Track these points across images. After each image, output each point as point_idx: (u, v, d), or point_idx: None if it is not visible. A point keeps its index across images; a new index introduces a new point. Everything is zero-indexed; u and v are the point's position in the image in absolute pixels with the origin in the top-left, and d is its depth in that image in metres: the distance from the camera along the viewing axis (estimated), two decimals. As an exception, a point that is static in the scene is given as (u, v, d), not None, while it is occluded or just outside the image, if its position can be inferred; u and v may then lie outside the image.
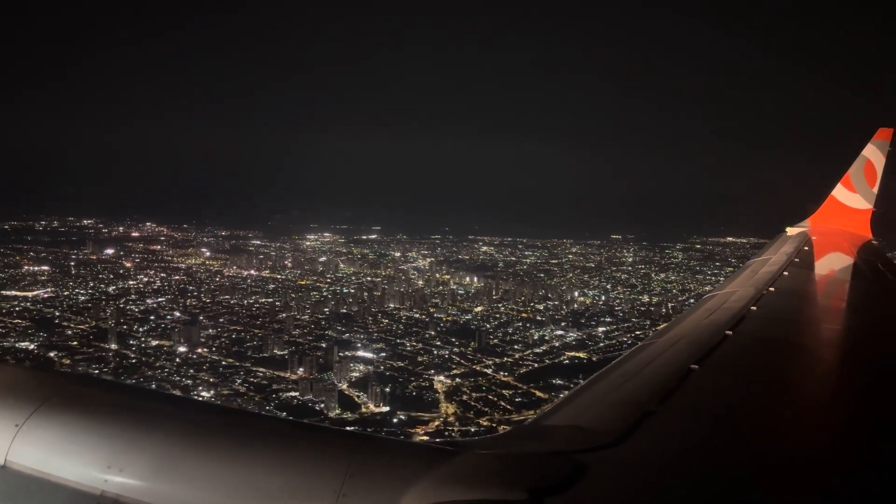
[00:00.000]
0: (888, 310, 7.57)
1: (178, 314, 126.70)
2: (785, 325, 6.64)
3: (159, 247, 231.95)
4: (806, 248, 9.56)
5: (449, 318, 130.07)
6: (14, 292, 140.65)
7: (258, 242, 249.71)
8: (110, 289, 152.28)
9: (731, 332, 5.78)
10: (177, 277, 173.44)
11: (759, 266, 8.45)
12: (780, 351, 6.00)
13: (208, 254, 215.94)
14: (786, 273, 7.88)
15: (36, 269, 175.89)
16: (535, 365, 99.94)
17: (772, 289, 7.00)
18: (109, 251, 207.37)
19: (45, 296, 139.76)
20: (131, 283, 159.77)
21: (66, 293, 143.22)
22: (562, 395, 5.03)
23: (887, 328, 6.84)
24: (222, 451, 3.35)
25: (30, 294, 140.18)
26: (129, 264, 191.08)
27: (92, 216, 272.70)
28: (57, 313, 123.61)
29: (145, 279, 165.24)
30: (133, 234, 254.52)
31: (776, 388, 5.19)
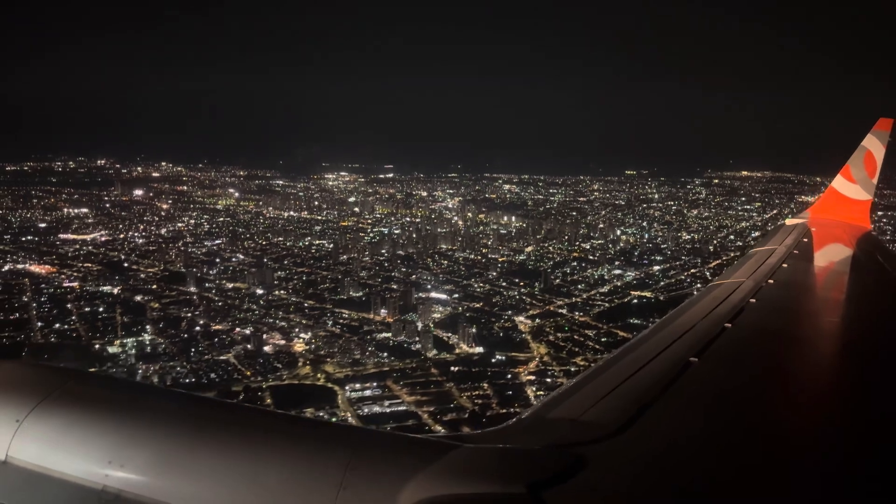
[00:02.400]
0: (886, 302, 7.62)
1: (241, 256, 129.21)
2: (783, 317, 6.70)
3: (186, 188, 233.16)
4: (805, 239, 9.41)
5: (504, 259, 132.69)
6: (70, 235, 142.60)
7: (281, 182, 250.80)
8: (162, 231, 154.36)
9: (729, 325, 5.86)
10: (220, 219, 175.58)
11: (759, 257, 8.47)
12: (778, 343, 6.04)
13: (237, 195, 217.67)
14: (785, 265, 7.89)
15: (76, 211, 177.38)
16: (606, 305, 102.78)
17: (771, 281, 7.17)
18: (139, 192, 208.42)
19: (103, 239, 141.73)
20: (180, 225, 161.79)
21: (121, 236, 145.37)
22: (559, 387, 5.21)
23: (885, 320, 6.89)
24: (223, 445, 3.36)
25: (87, 237, 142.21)
26: (165, 206, 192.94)
27: (102, 156, 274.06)
28: (122, 256, 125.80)
29: (192, 221, 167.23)
30: (154, 175, 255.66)
31: (774, 380, 5.22)
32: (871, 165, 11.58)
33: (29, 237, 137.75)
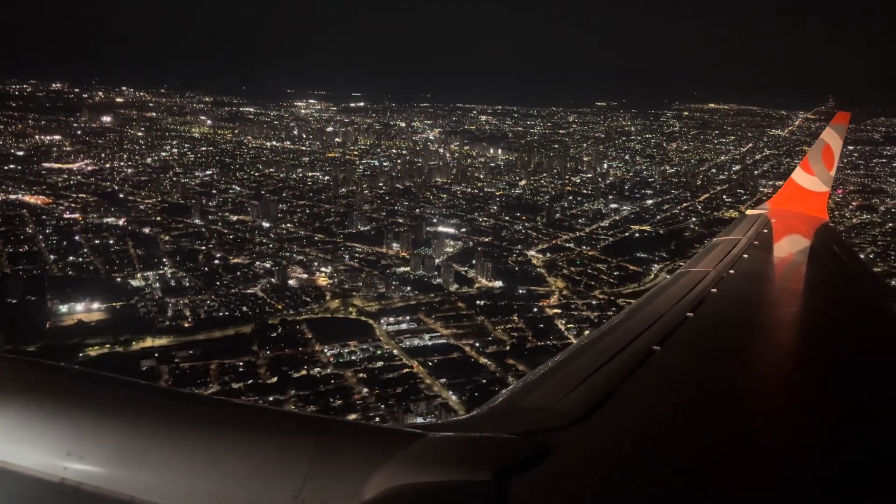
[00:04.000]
0: (840, 290, 7.93)
1: (237, 188, 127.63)
2: (742, 307, 6.89)
3: (154, 114, 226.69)
4: (765, 230, 9.73)
5: (501, 193, 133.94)
6: (55, 164, 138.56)
7: (252, 110, 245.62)
8: (148, 160, 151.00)
9: (691, 314, 5.99)
10: (203, 149, 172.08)
11: (721, 247, 8.80)
12: (736, 331, 6.21)
13: (209, 122, 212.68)
14: (745, 255, 8.14)
15: (49, 138, 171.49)
16: (611, 239, 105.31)
17: (731, 271, 7.37)
18: (107, 119, 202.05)
19: (89, 168, 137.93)
20: (164, 154, 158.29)
21: (107, 166, 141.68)
22: (524, 376, 5.34)
23: (838, 308, 7.16)
24: (187, 436, 3.31)
25: (73, 167, 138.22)
26: (139, 134, 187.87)
27: (56, 79, 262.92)
28: (115, 187, 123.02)
29: (175, 151, 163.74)
30: (118, 101, 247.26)
31: (733, 367, 5.36)
32: (829, 158, 12.01)
33: (11, 166, 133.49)
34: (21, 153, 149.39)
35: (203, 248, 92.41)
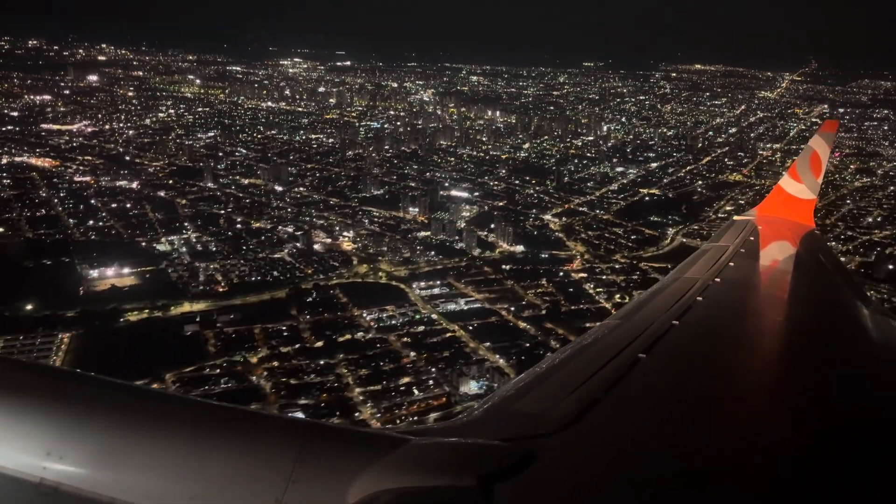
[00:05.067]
0: (824, 299, 8.10)
1: (243, 151, 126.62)
2: (728, 315, 6.95)
3: (141, 73, 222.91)
4: (752, 237, 9.96)
5: (506, 157, 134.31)
6: (53, 126, 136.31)
7: (239, 69, 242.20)
8: (146, 121, 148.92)
9: (677, 322, 6.01)
10: (200, 110, 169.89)
11: (708, 255, 8.94)
12: (722, 340, 6.25)
13: (198, 82, 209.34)
14: (732, 263, 8.23)
15: (39, 98, 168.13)
16: (622, 203, 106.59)
17: (718, 279, 7.45)
18: (92, 77, 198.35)
19: (89, 130, 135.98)
20: (161, 115, 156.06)
21: (107, 127, 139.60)
22: (509, 382, 5.35)
23: (822, 316, 7.28)
24: (169, 437, 3.25)
25: (73, 128, 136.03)
26: (130, 93, 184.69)
27: (32, 35, 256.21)
28: (120, 149, 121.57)
29: (172, 111, 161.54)
30: (101, 59, 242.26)
31: (717, 374, 5.40)
32: (816, 166, 12.11)
33: (9, 127, 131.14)
34: (15, 114, 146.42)
35: (222, 212, 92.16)
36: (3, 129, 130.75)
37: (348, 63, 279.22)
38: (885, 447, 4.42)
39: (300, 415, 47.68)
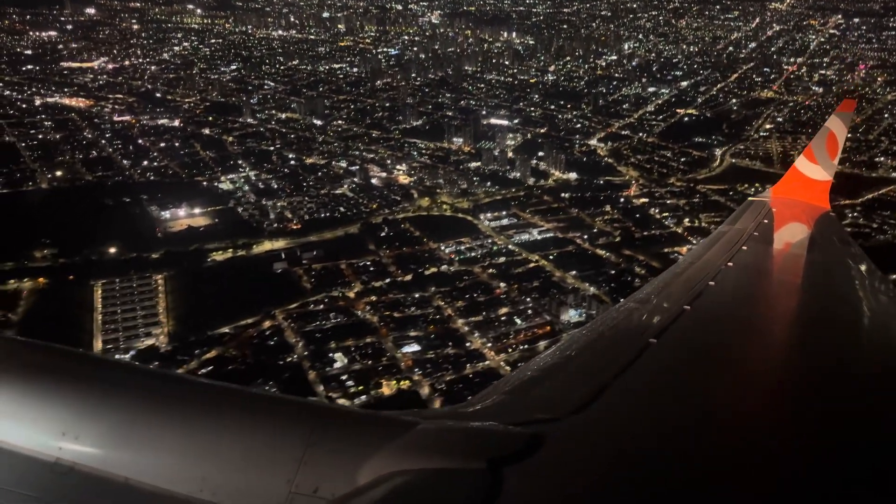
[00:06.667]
0: (837, 285, 7.87)
1: (271, 84, 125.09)
2: (739, 300, 6.80)
3: (138, 3, 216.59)
4: (766, 220, 9.77)
5: (535, 80, 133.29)
6: (74, 64, 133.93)
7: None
8: (165, 55, 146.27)
9: (688, 307, 5.91)
10: (213, 41, 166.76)
11: (721, 238, 8.82)
12: (733, 325, 6.14)
13: (200, 11, 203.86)
14: (745, 247, 8.04)
15: (45, 35, 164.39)
16: (663, 124, 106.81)
17: (730, 263, 7.32)
18: (90, 11, 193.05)
19: (110, 67, 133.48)
20: (176, 48, 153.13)
21: (126, 63, 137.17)
22: (519, 366, 5.30)
23: (835, 303, 7.10)
24: (182, 419, 3.26)
25: (93, 65, 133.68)
26: (136, 27, 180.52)
27: None
28: (148, 86, 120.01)
29: (187, 45, 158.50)
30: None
31: (728, 361, 5.32)
32: (832, 146, 11.50)
33: (29, 66, 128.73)
34: (29, 52, 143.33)
35: (271, 148, 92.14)
36: (25, 68, 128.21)
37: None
38: None
39: (414, 347, 50.24)
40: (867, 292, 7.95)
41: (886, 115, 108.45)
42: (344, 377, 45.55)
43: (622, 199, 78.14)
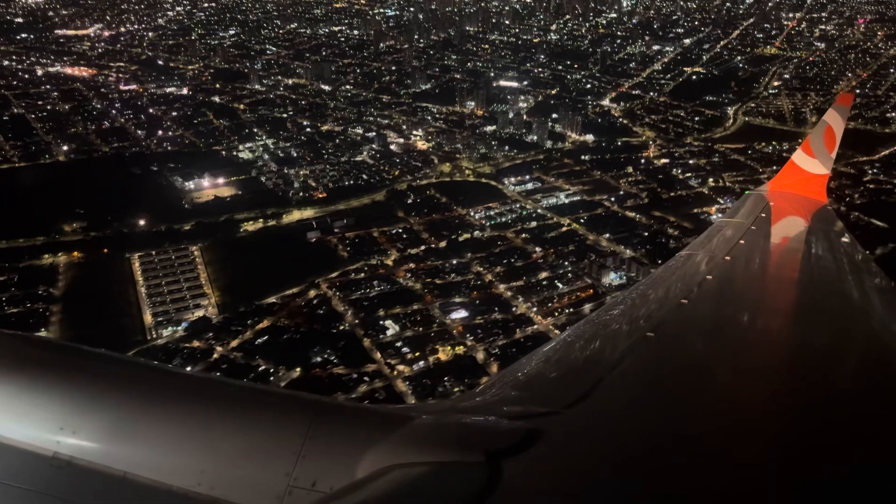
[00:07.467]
0: (834, 279, 7.87)
1: (273, 48, 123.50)
2: (737, 296, 6.83)
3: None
4: (763, 214, 9.82)
5: (538, 40, 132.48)
6: (67, 31, 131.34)
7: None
8: (160, 20, 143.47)
9: (685, 301, 5.93)
10: (205, 5, 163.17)
11: (719, 232, 8.88)
12: (729, 319, 6.13)
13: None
14: (742, 241, 8.02)
15: (33, 2, 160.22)
16: (672, 83, 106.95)
17: (727, 257, 7.29)
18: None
19: (106, 34, 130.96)
20: (170, 13, 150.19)
21: (122, 29, 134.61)
22: (515, 362, 5.25)
23: (831, 298, 7.06)
24: (181, 413, 3.28)
25: (88, 32, 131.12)
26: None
27: None
28: (149, 53, 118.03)
29: (181, 9, 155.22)
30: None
31: (724, 354, 5.31)
32: (830, 140, 11.51)
33: (23, 35, 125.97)
34: (20, 20, 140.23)
35: (284, 115, 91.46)
36: (19, 36, 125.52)
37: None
38: None
39: (462, 313, 50.54)
40: (864, 286, 7.89)
41: (893, 70, 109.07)
42: (398, 344, 46.04)
43: (643, 161, 78.57)
